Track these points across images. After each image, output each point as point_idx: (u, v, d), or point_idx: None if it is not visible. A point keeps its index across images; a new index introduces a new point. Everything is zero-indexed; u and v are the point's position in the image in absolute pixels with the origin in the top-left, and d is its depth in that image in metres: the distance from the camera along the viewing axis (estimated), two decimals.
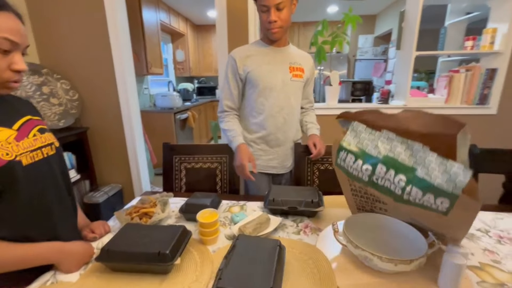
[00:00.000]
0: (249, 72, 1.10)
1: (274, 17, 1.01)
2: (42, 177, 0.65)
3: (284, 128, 1.15)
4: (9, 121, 0.63)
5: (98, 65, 1.90)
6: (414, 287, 0.56)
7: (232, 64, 1.12)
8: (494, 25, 1.74)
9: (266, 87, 1.10)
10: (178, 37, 4.47)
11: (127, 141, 2.04)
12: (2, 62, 0.56)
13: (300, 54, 1.19)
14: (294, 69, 1.13)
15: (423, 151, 0.47)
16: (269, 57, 1.12)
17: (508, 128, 1.85)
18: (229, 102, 1.16)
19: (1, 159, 0.56)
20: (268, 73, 1.10)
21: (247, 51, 1.13)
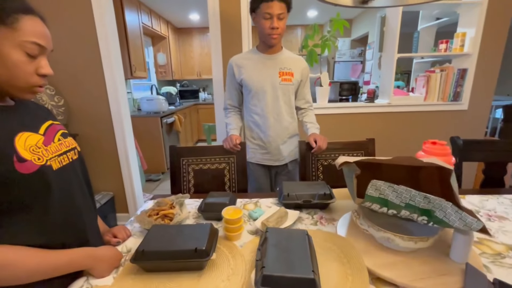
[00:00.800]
0: (243, 78, 1.26)
1: (277, 24, 1.15)
2: (70, 181, 0.65)
3: (275, 127, 1.29)
4: (34, 126, 0.62)
5: (86, 69, 1.83)
6: (432, 261, 0.63)
7: (230, 70, 1.31)
8: (463, 30, 1.94)
9: (257, 91, 1.25)
10: (159, 40, 4.39)
11: (119, 147, 1.99)
12: (29, 66, 0.55)
13: (292, 58, 1.31)
14: (284, 74, 1.26)
15: (439, 200, 0.57)
16: (260, 64, 1.26)
17: (477, 121, 2.06)
18: (230, 101, 1.36)
19: (34, 163, 0.55)
20: (259, 78, 1.25)
21: (242, 59, 1.29)
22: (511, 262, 0.65)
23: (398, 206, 0.61)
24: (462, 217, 0.54)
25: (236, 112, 1.37)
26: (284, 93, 1.26)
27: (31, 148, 0.57)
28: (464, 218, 0.54)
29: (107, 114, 1.91)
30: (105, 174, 2.05)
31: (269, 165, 1.35)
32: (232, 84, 1.32)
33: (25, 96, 0.59)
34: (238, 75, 1.27)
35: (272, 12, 1.12)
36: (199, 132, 5.01)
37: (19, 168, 0.52)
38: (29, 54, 0.55)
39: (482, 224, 0.53)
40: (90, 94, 1.88)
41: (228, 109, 1.37)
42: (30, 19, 0.55)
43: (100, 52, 1.80)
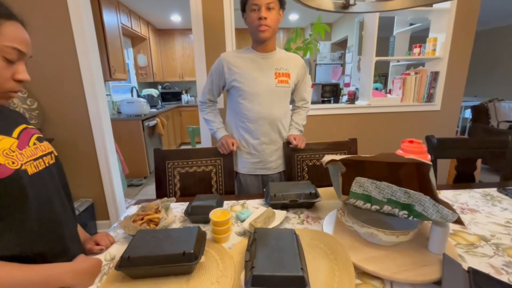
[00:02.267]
0: (235, 78, 1.16)
1: (265, 14, 1.06)
2: (47, 187, 0.62)
3: (269, 133, 1.21)
4: (7, 130, 0.59)
5: (62, 71, 1.75)
6: (412, 253, 0.66)
7: (220, 66, 1.19)
8: (434, 35, 2.06)
9: (250, 94, 1.15)
10: (139, 41, 4.29)
11: (98, 151, 1.91)
12: (6, 71, 0.54)
13: (288, 57, 1.23)
14: (280, 75, 1.17)
15: (418, 195, 0.60)
16: (254, 64, 1.17)
17: (449, 121, 2.20)
18: (211, 97, 1.28)
19: (8, 167, 0.52)
20: (253, 80, 1.15)
21: (235, 57, 1.18)
22: (483, 251, 0.70)
23: (381, 201, 0.64)
24: (439, 210, 0.57)
25: (214, 107, 1.31)
26: (280, 97, 1.19)
27: (4, 152, 0.54)
28: (440, 210, 0.57)
29: (85, 117, 1.84)
30: (84, 180, 1.96)
31: (261, 174, 1.26)
32: (217, 81, 1.22)
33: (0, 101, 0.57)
34: (229, 75, 1.17)
35: (259, 2, 1.05)
36: (183, 135, 4.93)
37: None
38: (8, 59, 0.53)
39: (457, 215, 0.57)
40: (66, 96, 1.80)
41: (206, 103, 1.28)
42: (12, 24, 0.54)
43: (77, 52, 1.74)
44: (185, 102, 5.11)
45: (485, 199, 1.02)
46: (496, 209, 0.94)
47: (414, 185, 0.90)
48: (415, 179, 0.89)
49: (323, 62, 4.87)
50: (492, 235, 0.78)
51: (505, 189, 1.06)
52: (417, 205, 0.60)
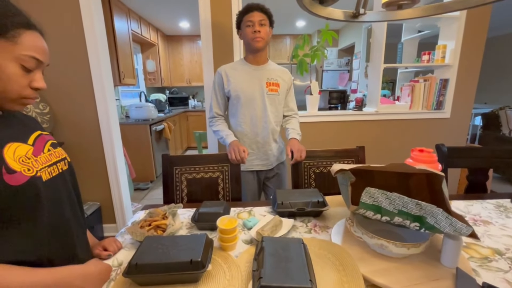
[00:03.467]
0: (232, 87, 1.30)
1: (258, 28, 1.23)
2: (60, 192, 0.63)
3: (263, 134, 1.34)
4: (23, 137, 0.60)
5: (74, 76, 1.80)
6: (424, 266, 0.65)
7: (219, 79, 1.34)
8: (443, 42, 2.04)
9: (246, 100, 1.30)
10: (148, 47, 4.37)
11: (107, 155, 1.94)
12: (24, 79, 0.55)
13: (278, 69, 1.38)
14: (270, 84, 1.33)
15: (430, 207, 0.59)
16: (249, 75, 1.32)
17: (458, 129, 2.16)
18: (218, 110, 1.39)
19: (24, 175, 0.53)
20: (248, 88, 1.30)
21: (232, 69, 1.33)
22: (498, 266, 0.68)
23: (391, 212, 0.63)
24: (452, 223, 0.56)
25: (222, 120, 1.40)
26: (271, 103, 1.33)
27: (20, 159, 0.55)
28: (454, 223, 0.56)
29: (94, 122, 1.87)
30: (92, 184, 1.99)
31: (257, 170, 1.39)
32: (220, 92, 1.35)
33: (15, 107, 0.58)
34: (227, 85, 1.31)
35: (253, 19, 1.22)
36: (189, 140, 4.96)
37: (8, 180, 0.50)
38: (26, 67, 0.55)
39: (472, 229, 0.55)
40: (77, 101, 1.84)
41: (215, 118, 1.39)
42: (31, 34, 0.56)
43: (89, 58, 1.78)
44: (192, 107, 5.16)
45: (498, 210, 0.99)
46: (510, 221, 0.91)
47: (424, 196, 0.88)
48: (425, 189, 0.87)
49: (330, 68, 4.87)
50: (507, 248, 0.75)
51: None
52: (429, 217, 0.59)
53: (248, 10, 1.24)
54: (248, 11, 1.24)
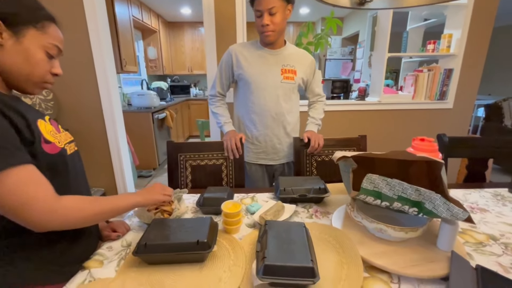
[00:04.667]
0: (242, 71, 1.19)
1: (267, 21, 1.09)
2: (77, 168, 0.69)
3: (272, 127, 1.24)
4: (42, 117, 0.64)
5: (76, 63, 1.79)
6: (421, 250, 0.67)
7: (228, 58, 1.23)
8: (449, 31, 2.01)
9: (256, 88, 1.19)
10: (149, 34, 4.31)
11: (110, 142, 1.96)
12: (47, 65, 0.62)
13: (296, 54, 1.24)
14: (286, 71, 1.20)
15: (429, 192, 0.61)
16: (262, 60, 1.20)
17: (461, 119, 2.16)
18: (220, 90, 1.30)
19: (57, 146, 0.61)
20: (260, 75, 1.19)
21: (244, 50, 1.22)
22: (491, 250, 0.71)
23: (391, 198, 0.65)
24: (450, 208, 0.58)
25: (224, 101, 1.32)
26: (285, 92, 1.21)
27: (51, 133, 0.62)
28: (451, 208, 0.58)
29: (98, 109, 1.88)
30: (96, 170, 2.02)
31: (265, 164, 1.31)
32: (226, 73, 1.25)
33: (35, 91, 0.64)
34: (237, 68, 1.20)
35: (261, 8, 1.07)
36: (191, 128, 4.98)
37: (46, 149, 0.57)
38: (50, 54, 0.62)
39: (468, 214, 0.57)
40: (80, 88, 1.84)
41: (216, 97, 1.30)
42: (53, 25, 0.64)
43: (91, 45, 1.77)
44: (194, 95, 5.15)
45: (496, 199, 1.01)
46: (507, 209, 0.94)
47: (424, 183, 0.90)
48: (425, 177, 0.89)
49: (333, 57, 4.81)
50: (502, 234, 0.78)
51: None
52: (428, 202, 0.61)
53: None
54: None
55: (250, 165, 1.32)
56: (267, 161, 1.31)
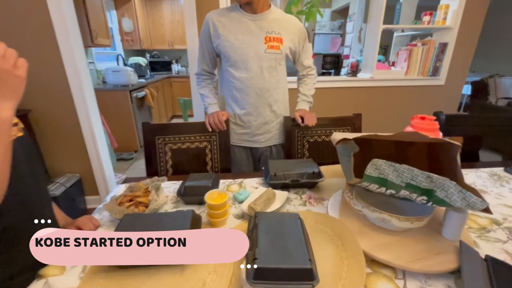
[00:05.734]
0: (220, 41, 1.05)
1: None
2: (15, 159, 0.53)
3: (256, 104, 1.11)
4: None
5: (34, 35, 1.56)
6: (426, 239, 0.62)
7: (206, 28, 1.08)
8: (446, 1, 1.90)
9: (236, 60, 1.05)
10: (123, 3, 3.91)
11: (82, 124, 1.78)
12: None
13: (283, 19, 1.09)
14: (270, 39, 1.05)
15: (442, 179, 0.52)
16: (242, 26, 1.05)
17: (452, 96, 2.13)
18: (205, 66, 1.16)
19: None
20: (240, 44, 1.04)
21: (221, 16, 1.06)
22: (496, 236, 0.67)
23: (398, 186, 0.58)
24: (466, 197, 0.51)
25: (211, 80, 1.18)
26: (270, 64, 1.07)
27: None
28: (468, 198, 0.51)
29: (65, 86, 1.67)
30: (69, 154, 1.85)
31: (249, 146, 1.19)
32: (207, 46, 1.10)
33: None
34: (215, 37, 1.05)
35: None
36: (174, 107, 4.74)
37: None
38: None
39: (487, 204, 0.51)
40: (41, 63, 1.62)
41: (202, 76, 1.16)
42: None
43: (50, 13, 1.52)
44: (176, 72, 4.84)
45: (493, 179, 0.98)
46: (505, 190, 0.90)
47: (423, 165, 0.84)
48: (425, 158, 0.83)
49: (322, 31, 4.61)
50: (504, 218, 0.74)
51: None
52: (439, 190, 0.54)
53: None
54: None
55: (233, 148, 1.19)
56: (251, 144, 1.18)
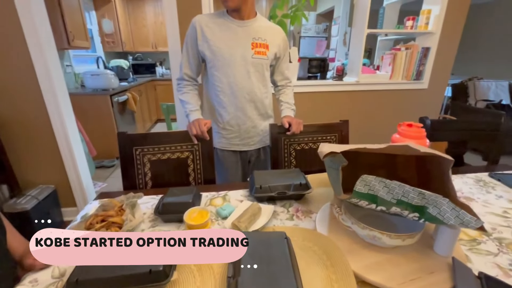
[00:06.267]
0: (207, 45, 1.04)
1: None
2: None
3: (244, 108, 1.12)
4: None
5: (1, 37, 1.44)
6: (418, 257, 0.59)
7: (192, 32, 1.06)
8: (428, 7, 1.93)
9: (224, 64, 1.05)
10: (103, 3, 3.77)
11: (56, 131, 1.67)
12: None
13: (268, 27, 1.11)
14: (257, 45, 1.07)
15: (435, 196, 0.50)
16: (230, 32, 1.05)
17: (435, 100, 2.16)
18: (188, 71, 1.12)
19: None
20: (228, 49, 1.04)
21: (209, 22, 1.05)
22: (487, 248, 0.65)
23: (389, 202, 0.55)
24: (460, 215, 0.48)
25: (193, 87, 1.15)
26: (256, 69, 1.08)
27: None
28: (461, 216, 0.48)
29: (36, 92, 1.56)
30: (42, 164, 1.73)
31: (238, 150, 1.19)
32: (192, 50, 1.08)
33: None
34: (202, 41, 1.04)
35: None
36: (158, 112, 4.61)
37: None
38: None
39: (482, 223, 0.48)
40: (10, 68, 1.50)
41: (184, 81, 1.13)
42: None
43: (18, 14, 1.42)
44: (160, 75, 4.72)
45: (478, 185, 0.98)
46: (491, 196, 0.90)
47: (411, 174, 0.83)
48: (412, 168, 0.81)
49: (307, 34, 4.63)
50: (493, 228, 0.73)
51: (497, 174, 1.03)
52: (432, 207, 0.51)
53: None
54: None
55: (223, 152, 1.19)
56: (240, 147, 1.19)
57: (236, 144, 1.18)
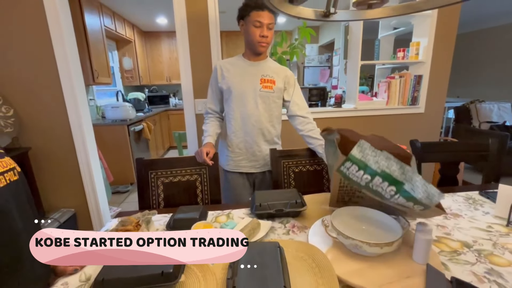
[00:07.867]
0: (224, 81, 1.25)
1: (266, 32, 1.17)
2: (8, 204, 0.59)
3: (253, 133, 1.27)
4: None
5: (40, 76, 1.68)
6: (396, 264, 0.66)
7: (214, 73, 1.30)
8: (417, 39, 2.10)
9: (238, 95, 1.24)
10: (124, 44, 4.19)
11: (80, 159, 1.84)
12: None
13: (276, 67, 1.31)
14: (265, 81, 1.25)
15: (412, 172, 0.60)
16: (244, 70, 1.26)
17: (432, 123, 2.24)
18: (212, 105, 1.33)
19: None
20: (241, 83, 1.24)
21: (227, 64, 1.29)
22: (466, 259, 0.71)
23: (374, 172, 0.64)
24: (428, 189, 0.58)
25: (215, 118, 1.34)
26: (263, 100, 1.25)
27: None
28: (429, 189, 0.58)
29: (65, 124, 1.76)
30: (65, 190, 1.88)
31: (245, 172, 1.32)
32: (214, 88, 1.30)
33: None
34: (221, 78, 1.26)
35: (263, 21, 1.14)
36: (171, 139, 4.85)
37: None
38: None
39: (443, 195, 0.58)
40: (44, 103, 1.72)
41: (208, 114, 1.34)
42: None
43: (55, 56, 1.67)
44: (173, 105, 5.04)
45: (468, 203, 1.03)
46: (478, 213, 0.95)
47: None
48: None
49: (311, 64, 4.91)
50: (475, 241, 0.79)
51: (487, 192, 1.08)
52: (407, 184, 0.61)
53: (258, 7, 1.13)
54: (258, 8, 1.13)
55: (231, 174, 1.34)
56: (247, 169, 1.32)
57: (243, 166, 1.31)
